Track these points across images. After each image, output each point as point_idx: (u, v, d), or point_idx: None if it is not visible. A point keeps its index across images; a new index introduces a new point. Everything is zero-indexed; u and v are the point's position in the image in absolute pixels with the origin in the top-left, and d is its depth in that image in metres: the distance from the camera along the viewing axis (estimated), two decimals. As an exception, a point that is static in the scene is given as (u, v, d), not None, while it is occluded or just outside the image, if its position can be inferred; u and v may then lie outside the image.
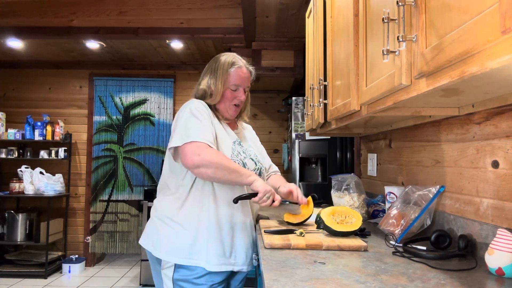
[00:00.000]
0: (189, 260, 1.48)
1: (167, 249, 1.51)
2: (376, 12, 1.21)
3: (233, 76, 1.62)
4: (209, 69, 1.68)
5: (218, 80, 1.61)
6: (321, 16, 2.04)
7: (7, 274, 4.33)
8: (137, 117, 5.02)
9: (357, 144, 2.77)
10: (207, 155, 1.42)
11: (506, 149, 1.14)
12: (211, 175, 1.45)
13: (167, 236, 1.52)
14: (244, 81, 1.65)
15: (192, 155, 1.43)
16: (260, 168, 1.68)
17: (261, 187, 1.47)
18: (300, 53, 3.99)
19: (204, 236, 1.50)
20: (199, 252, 1.49)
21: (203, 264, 1.48)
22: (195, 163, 1.43)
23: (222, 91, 1.61)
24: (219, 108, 1.66)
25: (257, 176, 1.53)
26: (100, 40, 4.13)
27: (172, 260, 1.50)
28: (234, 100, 1.64)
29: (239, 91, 1.64)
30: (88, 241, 4.91)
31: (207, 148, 1.44)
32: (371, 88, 1.23)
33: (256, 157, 1.69)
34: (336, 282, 0.96)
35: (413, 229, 1.43)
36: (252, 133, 1.89)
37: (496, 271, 1.02)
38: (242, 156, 1.60)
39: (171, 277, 1.49)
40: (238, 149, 1.62)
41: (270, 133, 5.03)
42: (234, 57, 1.67)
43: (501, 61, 0.64)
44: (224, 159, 1.47)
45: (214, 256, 1.49)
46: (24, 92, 5.07)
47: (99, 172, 4.98)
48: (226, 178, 1.47)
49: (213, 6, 3.83)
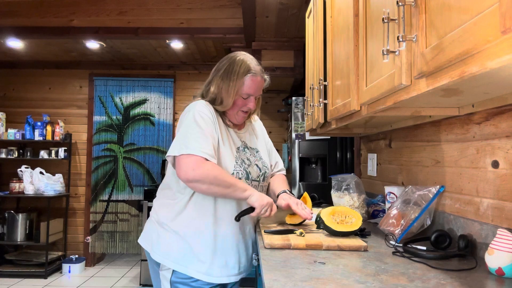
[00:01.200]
0: (184, 268, 1.47)
1: (164, 253, 1.50)
2: (376, 12, 1.21)
3: (247, 85, 1.53)
4: (222, 70, 1.57)
5: (231, 87, 1.52)
6: (321, 16, 2.04)
7: (7, 274, 4.32)
8: (137, 117, 5.02)
9: (357, 144, 2.77)
10: (203, 170, 1.39)
11: (506, 149, 1.14)
12: (205, 190, 1.44)
13: (165, 240, 1.51)
14: (257, 90, 1.57)
15: (187, 169, 1.40)
16: (265, 172, 1.64)
17: (257, 202, 1.45)
18: (300, 53, 3.99)
19: (201, 248, 1.48)
20: (195, 262, 1.48)
21: (197, 275, 1.47)
22: (189, 177, 1.40)
23: (234, 99, 1.53)
24: (227, 113, 1.59)
25: (253, 190, 1.48)
26: (100, 40, 4.13)
27: (168, 265, 1.49)
28: (244, 107, 1.57)
29: (250, 99, 1.56)
30: (88, 241, 4.91)
31: (203, 163, 1.40)
32: (371, 88, 1.23)
33: (262, 160, 1.65)
34: (336, 282, 0.96)
35: (413, 229, 1.43)
36: (260, 126, 1.81)
37: (496, 271, 1.02)
38: (246, 165, 1.56)
39: (169, 279, 1.49)
40: (243, 155, 1.58)
41: (270, 133, 4.98)
42: (250, 62, 1.57)
43: (501, 61, 0.64)
44: (219, 174, 1.41)
45: (210, 268, 1.48)
46: (24, 92, 5.07)
47: (99, 172, 4.98)
48: (221, 193, 1.45)
49: (213, 6, 3.83)
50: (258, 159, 1.64)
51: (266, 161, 1.69)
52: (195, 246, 1.48)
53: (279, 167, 1.82)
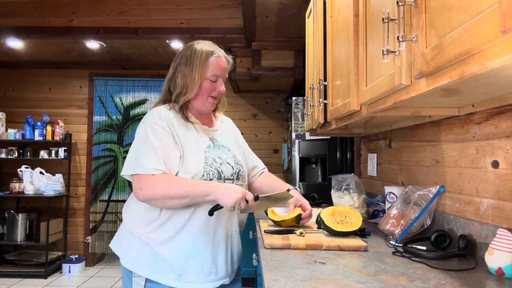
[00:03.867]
0: (156, 275, 1.39)
1: (135, 259, 1.42)
2: (376, 12, 1.21)
3: (213, 66, 1.46)
4: (182, 58, 1.50)
5: (194, 70, 1.45)
6: (321, 16, 2.04)
7: (7, 274, 4.33)
8: (137, 117, 5.02)
9: (357, 144, 2.77)
10: (148, 188, 1.32)
11: (506, 149, 1.14)
12: (163, 206, 1.37)
13: (136, 247, 1.43)
14: (224, 71, 1.51)
15: (136, 189, 1.35)
16: (238, 171, 1.53)
17: (227, 203, 1.31)
18: (300, 53, 3.99)
19: (173, 254, 1.39)
20: (166, 269, 1.39)
21: (169, 282, 1.38)
22: (141, 198, 1.36)
23: (200, 82, 1.46)
24: (194, 104, 1.51)
25: (216, 189, 1.34)
26: (100, 40, 4.13)
27: (139, 273, 1.41)
28: (213, 92, 1.49)
29: (218, 82, 1.49)
30: (88, 241, 4.91)
31: (148, 179, 1.32)
32: (371, 88, 1.23)
33: (234, 158, 1.55)
34: (336, 282, 0.96)
35: (413, 229, 1.43)
36: (232, 127, 1.72)
37: (496, 271, 1.02)
38: (217, 164, 1.46)
39: (143, 286, 1.41)
40: (213, 154, 1.48)
41: (270, 133, 5.03)
42: (212, 45, 1.52)
43: (501, 61, 0.64)
44: (169, 186, 1.33)
45: (183, 275, 1.39)
46: (24, 92, 5.07)
47: (99, 172, 4.98)
48: (181, 204, 1.36)
49: (213, 6, 3.83)
50: (230, 157, 1.53)
51: (240, 160, 1.58)
52: (166, 253, 1.39)
53: (259, 167, 1.76)
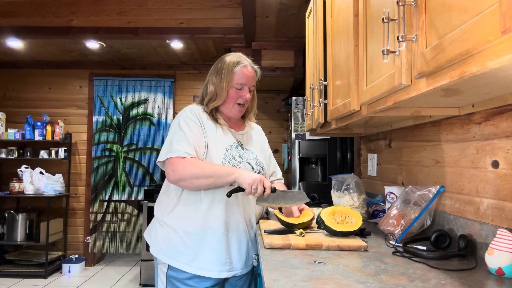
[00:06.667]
0: (177, 262, 1.51)
1: (160, 248, 1.55)
2: (376, 12, 1.21)
3: (238, 75, 1.61)
4: (214, 69, 1.68)
5: (223, 80, 1.61)
6: (321, 16, 2.04)
7: (7, 274, 4.32)
8: (137, 117, 5.02)
9: (357, 144, 2.77)
10: (180, 168, 1.46)
11: (506, 149, 1.14)
12: (190, 186, 1.50)
13: (161, 236, 1.56)
14: (249, 80, 1.64)
15: (169, 171, 1.49)
16: (259, 171, 1.65)
17: (245, 182, 1.42)
18: (300, 53, 3.99)
19: (192, 243, 1.51)
20: (188, 256, 1.51)
21: (188, 268, 1.50)
22: (172, 179, 1.49)
23: (227, 90, 1.61)
24: (223, 110, 1.66)
25: (240, 171, 1.47)
26: (100, 40, 4.13)
27: (163, 260, 1.53)
28: (239, 99, 1.63)
29: (244, 90, 1.64)
30: (88, 241, 4.91)
31: (180, 162, 1.47)
32: (371, 88, 1.23)
33: (256, 160, 1.67)
34: (336, 282, 0.96)
35: (413, 229, 1.43)
36: (260, 134, 1.88)
37: (496, 271, 1.02)
38: (237, 161, 1.58)
39: (165, 273, 1.53)
40: (234, 153, 1.60)
41: (270, 133, 5.03)
42: (240, 57, 1.67)
43: (501, 61, 0.64)
44: (197, 167, 1.46)
45: (205, 262, 1.50)
46: (24, 92, 5.07)
47: (99, 172, 4.98)
48: (206, 184, 1.48)
49: (213, 6, 3.83)
50: (252, 158, 1.66)
51: (262, 162, 1.70)
52: (187, 241, 1.51)
53: (277, 175, 1.87)
